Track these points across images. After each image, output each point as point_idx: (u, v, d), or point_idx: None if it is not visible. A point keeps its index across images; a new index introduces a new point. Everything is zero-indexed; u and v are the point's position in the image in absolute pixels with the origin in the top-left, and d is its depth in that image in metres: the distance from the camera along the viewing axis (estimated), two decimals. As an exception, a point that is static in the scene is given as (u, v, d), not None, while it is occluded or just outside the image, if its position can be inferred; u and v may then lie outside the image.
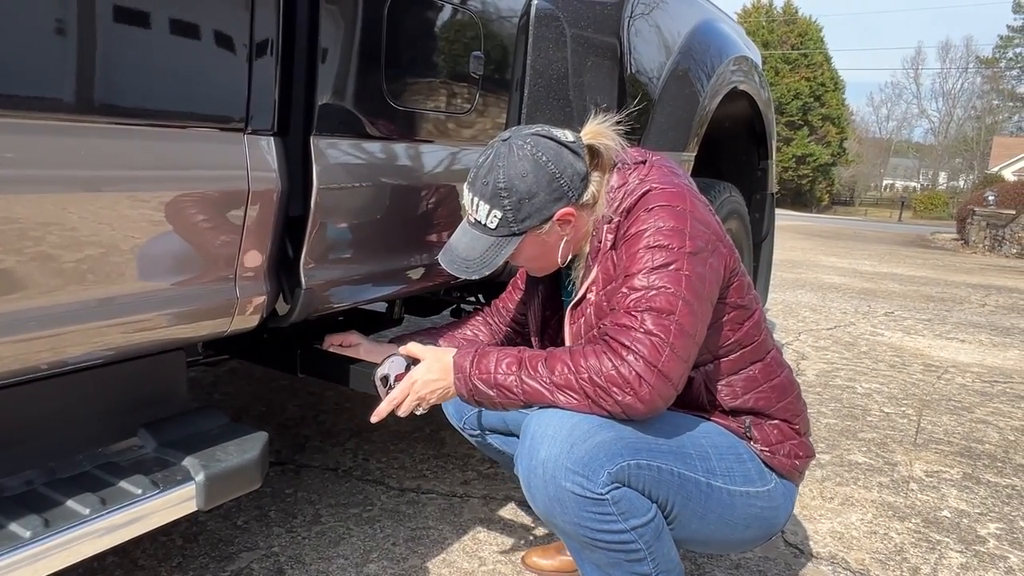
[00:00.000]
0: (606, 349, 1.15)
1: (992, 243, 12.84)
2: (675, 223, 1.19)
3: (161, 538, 1.74)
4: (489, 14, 1.61)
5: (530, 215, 1.23)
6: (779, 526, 1.35)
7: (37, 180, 0.90)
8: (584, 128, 1.31)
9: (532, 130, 1.27)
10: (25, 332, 0.93)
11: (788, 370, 1.39)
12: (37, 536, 0.90)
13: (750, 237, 2.94)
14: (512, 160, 1.23)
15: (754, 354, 1.33)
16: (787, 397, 1.35)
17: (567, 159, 1.24)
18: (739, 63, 2.56)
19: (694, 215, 1.21)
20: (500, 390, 1.19)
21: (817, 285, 6.81)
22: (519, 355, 1.21)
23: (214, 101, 1.09)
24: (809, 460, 1.38)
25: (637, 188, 1.25)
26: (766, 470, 1.31)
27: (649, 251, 1.18)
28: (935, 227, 20.88)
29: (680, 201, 1.21)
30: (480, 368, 1.21)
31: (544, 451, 1.14)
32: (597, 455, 1.12)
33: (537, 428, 1.17)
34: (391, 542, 1.79)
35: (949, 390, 3.47)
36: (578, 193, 1.25)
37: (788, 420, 1.35)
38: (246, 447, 1.18)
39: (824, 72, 33.09)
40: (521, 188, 1.22)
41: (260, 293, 1.21)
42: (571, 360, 1.16)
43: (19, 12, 0.86)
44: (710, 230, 1.22)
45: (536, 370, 1.18)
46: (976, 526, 2.08)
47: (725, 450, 1.27)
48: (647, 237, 1.19)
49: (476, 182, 1.25)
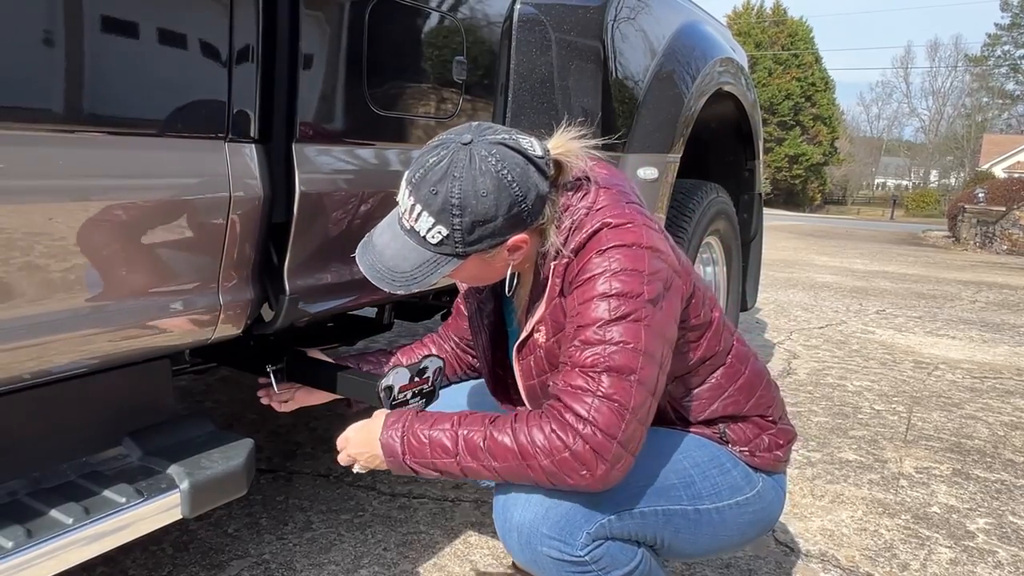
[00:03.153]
0: (557, 425, 1.02)
1: (983, 240, 12.91)
2: (632, 266, 1.06)
3: (151, 547, 1.74)
4: (472, 19, 1.62)
5: (481, 239, 1.07)
6: (775, 519, 1.34)
7: (19, 190, 0.90)
8: (553, 139, 1.15)
9: (498, 137, 1.07)
10: (8, 341, 0.93)
11: (752, 360, 1.30)
12: (20, 546, 0.90)
13: (738, 237, 2.95)
14: (472, 174, 1.04)
15: (715, 362, 1.25)
16: (756, 392, 1.28)
17: (532, 179, 1.07)
18: (724, 64, 2.57)
19: (650, 251, 1.08)
20: (442, 473, 1.09)
21: (809, 284, 6.83)
22: (453, 432, 1.07)
23: (194, 109, 1.09)
24: (790, 444, 1.34)
25: (586, 222, 1.10)
26: (751, 471, 1.27)
27: (605, 299, 1.05)
28: (927, 225, 20.99)
29: (635, 238, 1.08)
30: (412, 452, 1.10)
31: (518, 515, 1.09)
32: (574, 517, 1.07)
33: (509, 489, 1.11)
34: (382, 547, 1.79)
35: (939, 387, 3.48)
36: (536, 218, 1.10)
37: (761, 414, 1.30)
38: (231, 454, 1.18)
39: (814, 72, 33.26)
40: (478, 209, 1.04)
41: (244, 300, 1.22)
42: (517, 444, 1.03)
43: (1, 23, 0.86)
44: (666, 262, 1.10)
45: (476, 456, 1.05)
46: (965, 521, 2.09)
47: (707, 465, 1.22)
48: (601, 284, 1.06)
49: (422, 186, 1.05)
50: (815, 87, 33.18)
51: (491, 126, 1.11)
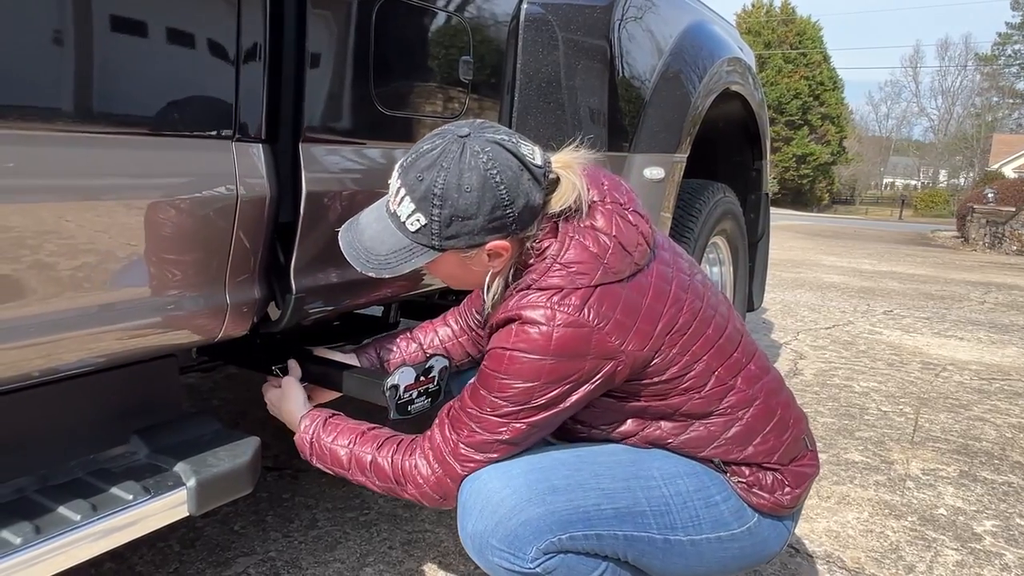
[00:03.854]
0: (418, 458, 1.17)
1: (992, 240, 12.84)
2: (527, 377, 1.06)
3: (158, 544, 1.75)
4: (478, 18, 1.62)
5: (457, 236, 1.06)
6: (770, 556, 1.27)
7: (28, 189, 0.91)
8: (559, 153, 1.13)
9: (497, 136, 1.06)
10: (17, 340, 0.93)
11: (756, 407, 1.19)
12: (28, 542, 0.91)
13: (745, 237, 2.95)
14: (460, 167, 1.03)
15: (702, 415, 1.17)
16: (752, 440, 1.18)
17: (525, 187, 1.05)
18: (732, 64, 2.57)
19: (562, 352, 1.05)
20: (339, 476, 1.24)
21: (816, 284, 6.81)
22: (349, 451, 1.21)
23: (202, 109, 1.10)
24: (802, 487, 1.23)
25: (534, 275, 1.08)
26: (745, 507, 1.20)
27: (497, 382, 1.08)
28: (935, 225, 20.88)
29: (535, 346, 1.05)
30: (316, 455, 1.25)
31: (471, 524, 1.11)
32: (522, 533, 1.08)
33: (467, 497, 1.12)
34: (388, 546, 1.80)
35: (947, 388, 3.47)
36: (522, 228, 1.08)
37: (760, 463, 1.20)
38: (238, 452, 1.19)
39: (823, 71, 33.13)
40: (458, 204, 1.03)
41: (251, 299, 1.22)
42: (392, 476, 1.18)
43: (6, 22, 0.87)
44: (580, 357, 1.06)
45: (364, 473, 1.20)
46: (972, 524, 2.08)
47: (691, 495, 1.17)
48: (500, 376, 1.08)
49: (410, 171, 1.06)
50: (823, 86, 33.05)
51: (495, 126, 1.10)
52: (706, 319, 1.17)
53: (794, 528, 1.29)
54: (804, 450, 1.25)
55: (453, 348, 1.51)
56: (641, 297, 1.11)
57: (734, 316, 1.25)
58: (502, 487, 1.10)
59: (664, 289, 1.13)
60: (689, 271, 1.21)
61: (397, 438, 1.22)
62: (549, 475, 1.12)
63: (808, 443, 1.27)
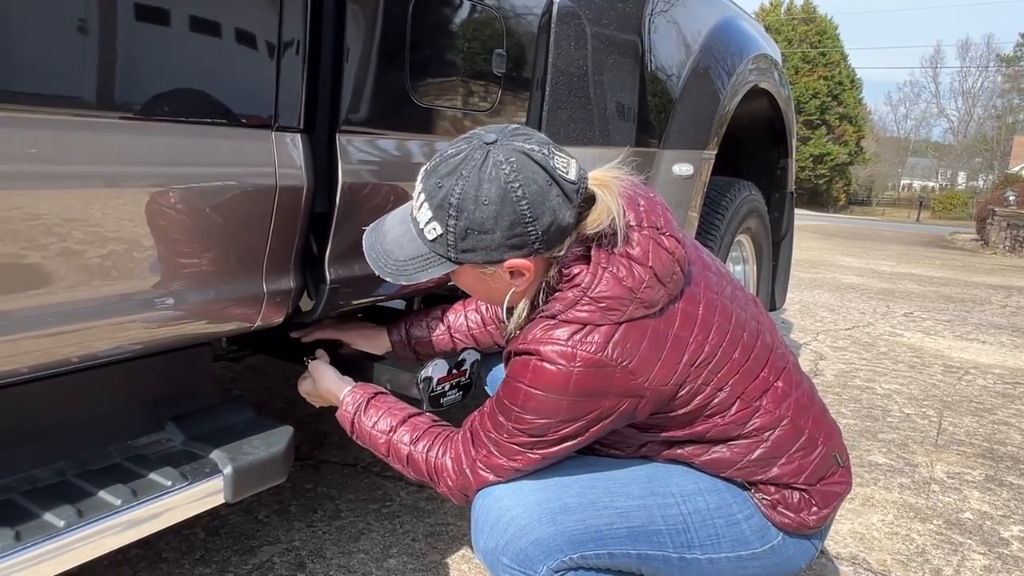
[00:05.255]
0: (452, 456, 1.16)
1: (1013, 244, 12.67)
2: (544, 414, 1.04)
3: (184, 531, 1.76)
4: (511, 12, 1.61)
5: (474, 250, 1.00)
6: (793, 573, 1.24)
7: (71, 176, 0.92)
8: (598, 170, 1.05)
9: (527, 145, 0.98)
10: (58, 326, 0.94)
11: (783, 427, 1.14)
12: (71, 525, 0.92)
13: (769, 236, 2.92)
14: (479, 177, 0.96)
15: (721, 438, 1.14)
16: (776, 463, 1.14)
17: (552, 203, 0.97)
18: (759, 61, 2.55)
19: (580, 392, 1.02)
20: (374, 451, 1.25)
21: (835, 285, 6.76)
22: (387, 438, 1.20)
23: (243, 99, 1.10)
24: (829, 508, 1.19)
25: (559, 305, 1.03)
26: (769, 526, 1.17)
27: (514, 414, 1.06)
28: (954, 227, 20.65)
29: (561, 388, 1.01)
30: (357, 434, 1.26)
31: (483, 541, 1.10)
32: (532, 552, 1.06)
33: (480, 514, 1.11)
34: (411, 537, 1.80)
35: (970, 391, 3.43)
36: (548, 247, 1.01)
37: (787, 483, 1.16)
38: (272, 441, 1.19)
39: (842, 71, 32.82)
40: (475, 216, 0.97)
41: (287, 289, 1.23)
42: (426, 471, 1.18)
43: (54, 9, 0.87)
44: (618, 388, 1.03)
45: (399, 461, 1.20)
46: (999, 528, 2.06)
47: (712, 513, 1.14)
48: (516, 410, 1.05)
49: (431, 176, 1.00)
50: (842, 86, 32.75)
51: (528, 132, 1.02)
52: (735, 340, 1.12)
53: (821, 546, 1.25)
54: (835, 467, 1.20)
55: (481, 336, 1.50)
56: (668, 327, 1.06)
57: (763, 326, 1.21)
58: (513, 504, 1.09)
59: (692, 313, 1.09)
60: (718, 285, 1.16)
61: (434, 431, 1.20)
62: (562, 493, 1.10)
63: (839, 459, 1.21)
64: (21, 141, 0.85)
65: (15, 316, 0.89)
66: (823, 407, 1.25)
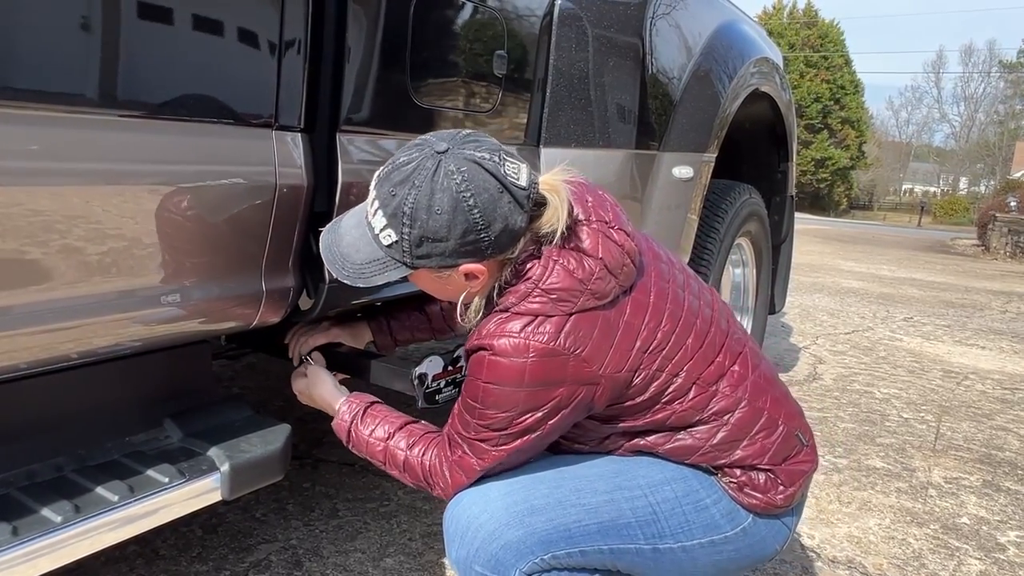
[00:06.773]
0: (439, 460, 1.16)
1: (1014, 249, 12.67)
2: (503, 407, 1.05)
3: (181, 529, 1.76)
4: (512, 14, 1.62)
5: (429, 256, 1.02)
6: (769, 556, 1.25)
7: (72, 173, 0.92)
8: (547, 175, 1.07)
9: (478, 154, 0.99)
10: (58, 322, 0.95)
11: (742, 410, 1.15)
12: (68, 521, 0.92)
13: (769, 239, 2.93)
14: (431, 187, 0.97)
15: (681, 424, 1.15)
16: (739, 446, 1.15)
17: (503, 210, 0.99)
18: (760, 64, 2.55)
19: (536, 382, 1.03)
20: (371, 459, 1.24)
21: (835, 289, 6.76)
22: (384, 445, 1.20)
23: (244, 98, 1.11)
24: (795, 486, 1.19)
25: (513, 298, 1.05)
26: (738, 508, 1.18)
27: (476, 410, 1.08)
28: (955, 232, 20.66)
29: (516, 379, 1.03)
30: (353, 443, 1.24)
31: (455, 552, 1.11)
32: (504, 557, 1.07)
33: (449, 524, 1.13)
34: (408, 537, 1.81)
35: (969, 396, 3.43)
36: (500, 251, 1.03)
37: (752, 464, 1.17)
38: (270, 439, 1.20)
39: (844, 75, 32.81)
40: (428, 226, 0.98)
41: (286, 287, 1.23)
42: (422, 475, 1.18)
43: (56, 8, 0.88)
44: (573, 376, 1.04)
45: (396, 468, 1.20)
46: (996, 534, 2.06)
47: (680, 501, 1.15)
48: (477, 406, 1.07)
49: (384, 183, 1.01)
50: (844, 90, 32.74)
51: (479, 139, 1.03)
52: (688, 326, 1.14)
53: (795, 525, 1.26)
54: (799, 446, 1.20)
55: (455, 322, 1.49)
56: (619, 316, 1.08)
57: (718, 312, 1.21)
58: (480, 512, 1.10)
59: (643, 302, 1.11)
60: (669, 274, 1.17)
61: (429, 436, 1.21)
62: (528, 495, 1.11)
63: (803, 438, 1.22)
64: (22, 138, 0.86)
65: (15, 312, 0.89)
66: (785, 389, 1.26)
